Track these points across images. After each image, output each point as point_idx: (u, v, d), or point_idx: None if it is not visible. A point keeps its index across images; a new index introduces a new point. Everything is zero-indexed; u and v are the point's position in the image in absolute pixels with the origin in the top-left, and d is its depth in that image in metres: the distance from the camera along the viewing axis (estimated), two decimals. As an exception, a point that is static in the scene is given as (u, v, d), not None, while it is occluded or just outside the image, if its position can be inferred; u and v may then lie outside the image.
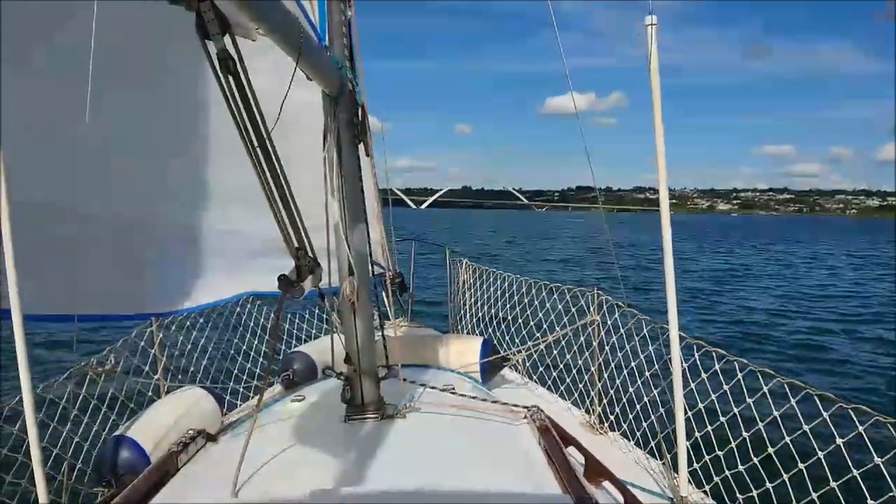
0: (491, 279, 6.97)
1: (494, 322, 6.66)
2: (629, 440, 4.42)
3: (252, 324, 6.66)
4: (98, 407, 4.47)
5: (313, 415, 3.51)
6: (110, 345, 4.86)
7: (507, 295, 6.56)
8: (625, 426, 4.52)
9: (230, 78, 1.80)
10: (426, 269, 13.27)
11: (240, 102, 1.86)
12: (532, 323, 6.01)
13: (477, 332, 6.85)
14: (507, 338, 6.35)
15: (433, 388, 3.58)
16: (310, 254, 2.36)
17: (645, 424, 4.26)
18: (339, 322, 3.51)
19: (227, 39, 1.72)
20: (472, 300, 7.24)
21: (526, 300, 6.21)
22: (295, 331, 7.27)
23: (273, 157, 2.03)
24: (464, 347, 5.37)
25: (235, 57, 1.76)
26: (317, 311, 7.53)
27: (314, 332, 7.30)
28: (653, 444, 4.10)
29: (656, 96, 3.21)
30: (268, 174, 2.06)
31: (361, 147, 3.36)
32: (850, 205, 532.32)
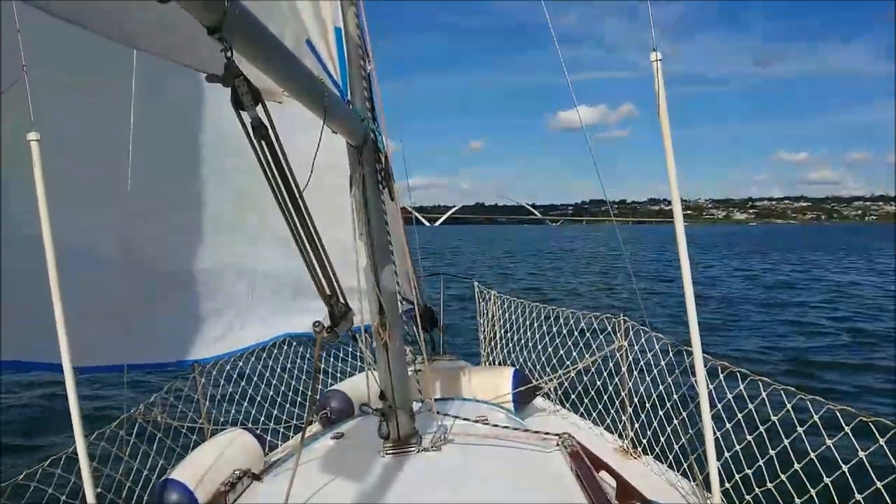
0: (519, 310, 7.07)
1: (525, 352, 6.74)
2: (662, 463, 4.47)
3: (289, 364, 6.83)
4: (147, 452, 4.65)
5: (352, 451, 3.64)
6: (150, 390, 5.07)
7: (535, 325, 6.65)
8: (657, 449, 4.58)
9: (262, 143, 1.98)
10: (457, 304, 13.34)
11: (272, 164, 2.04)
12: (562, 351, 6.10)
13: (508, 362, 6.93)
14: (538, 367, 6.43)
15: (466, 419, 3.69)
16: (341, 300, 2.51)
17: (676, 447, 4.32)
18: (372, 359, 3.65)
19: (259, 108, 1.91)
20: (502, 331, 7.34)
21: (554, 329, 6.30)
22: (330, 370, 7.41)
23: (304, 212, 2.20)
24: (495, 378, 5.48)
25: (267, 124, 1.94)
26: (350, 349, 7.68)
27: (349, 370, 7.45)
28: (685, 465, 4.16)
29: (665, 129, 3.32)
30: (299, 227, 2.22)
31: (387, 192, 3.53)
32: (869, 211, 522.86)
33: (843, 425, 3.18)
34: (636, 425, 4.84)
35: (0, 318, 3.58)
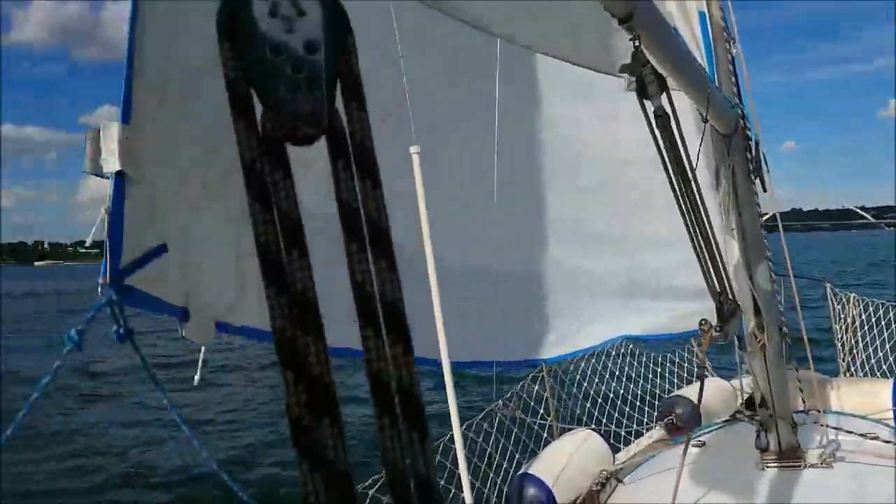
0: (890, 314, 6.15)
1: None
2: None
3: (626, 367, 6.74)
4: (505, 445, 4.88)
5: (723, 460, 3.43)
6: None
7: None
8: None
9: (664, 132, 1.92)
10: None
11: (672, 154, 1.96)
12: None
13: (878, 374, 6.07)
14: None
15: (858, 435, 3.26)
16: (730, 296, 2.36)
17: None
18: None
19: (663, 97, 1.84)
20: (868, 339, 6.45)
21: None
22: (667, 374, 7.16)
23: (700, 204, 2.09)
24: (869, 391, 4.84)
25: (670, 113, 1.87)
26: (686, 354, 7.34)
27: (686, 375, 7.12)
28: None
29: None
30: (695, 220, 2.12)
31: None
32: None
33: None
34: None
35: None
